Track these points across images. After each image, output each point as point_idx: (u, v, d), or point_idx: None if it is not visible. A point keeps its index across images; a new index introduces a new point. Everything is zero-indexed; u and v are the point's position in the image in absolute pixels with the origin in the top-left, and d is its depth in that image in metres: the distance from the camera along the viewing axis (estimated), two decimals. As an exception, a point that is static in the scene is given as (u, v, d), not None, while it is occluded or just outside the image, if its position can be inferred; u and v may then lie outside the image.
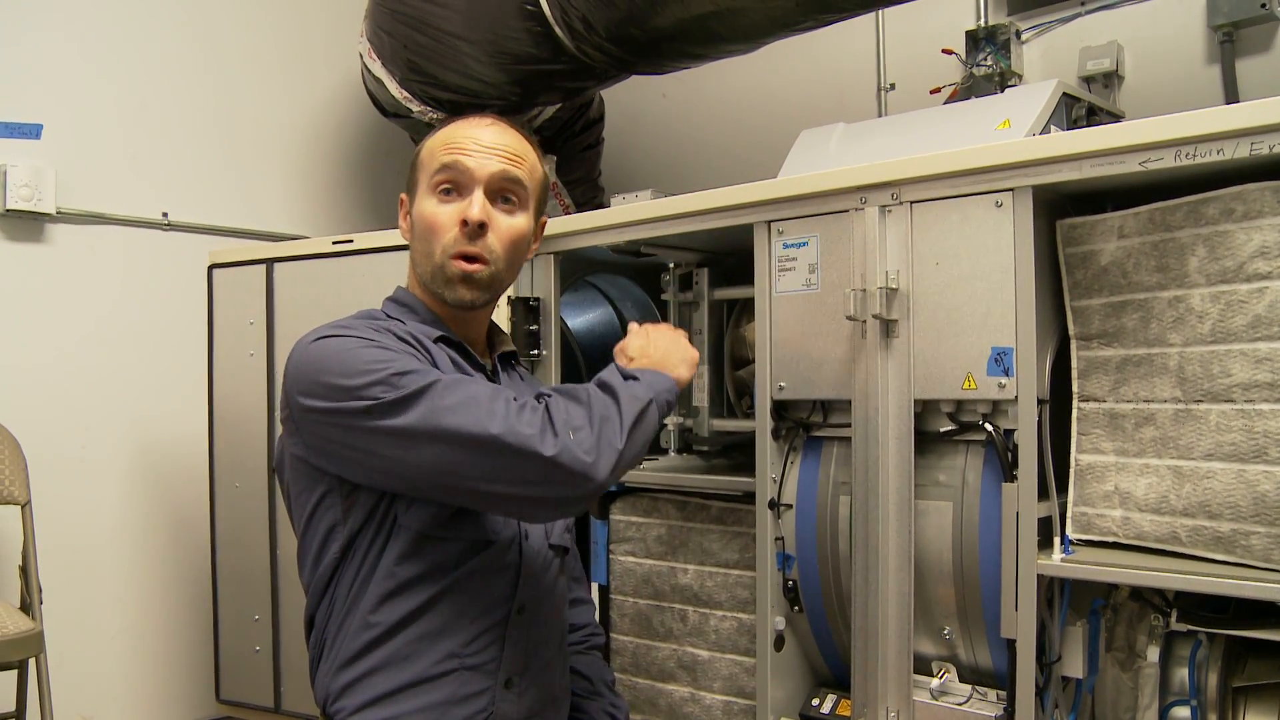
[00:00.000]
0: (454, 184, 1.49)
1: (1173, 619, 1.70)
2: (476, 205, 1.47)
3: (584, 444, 1.30)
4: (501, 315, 2.42)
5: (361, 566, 1.41)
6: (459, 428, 1.28)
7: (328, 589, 1.45)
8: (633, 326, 1.61)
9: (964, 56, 2.86)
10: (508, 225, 1.51)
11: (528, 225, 1.56)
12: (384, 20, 3.00)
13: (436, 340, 1.49)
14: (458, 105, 2.97)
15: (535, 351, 2.48)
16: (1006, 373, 1.74)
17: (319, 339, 1.40)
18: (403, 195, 1.60)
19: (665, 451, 2.59)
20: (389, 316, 1.53)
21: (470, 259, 1.49)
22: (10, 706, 2.76)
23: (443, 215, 1.48)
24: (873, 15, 3.16)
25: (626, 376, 1.44)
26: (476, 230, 1.47)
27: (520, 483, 1.30)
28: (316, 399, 1.35)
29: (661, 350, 1.53)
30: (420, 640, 1.41)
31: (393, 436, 1.31)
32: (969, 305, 1.79)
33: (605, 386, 1.41)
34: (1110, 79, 2.70)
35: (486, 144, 1.50)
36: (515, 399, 1.32)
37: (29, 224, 3.06)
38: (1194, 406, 1.62)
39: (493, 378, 1.58)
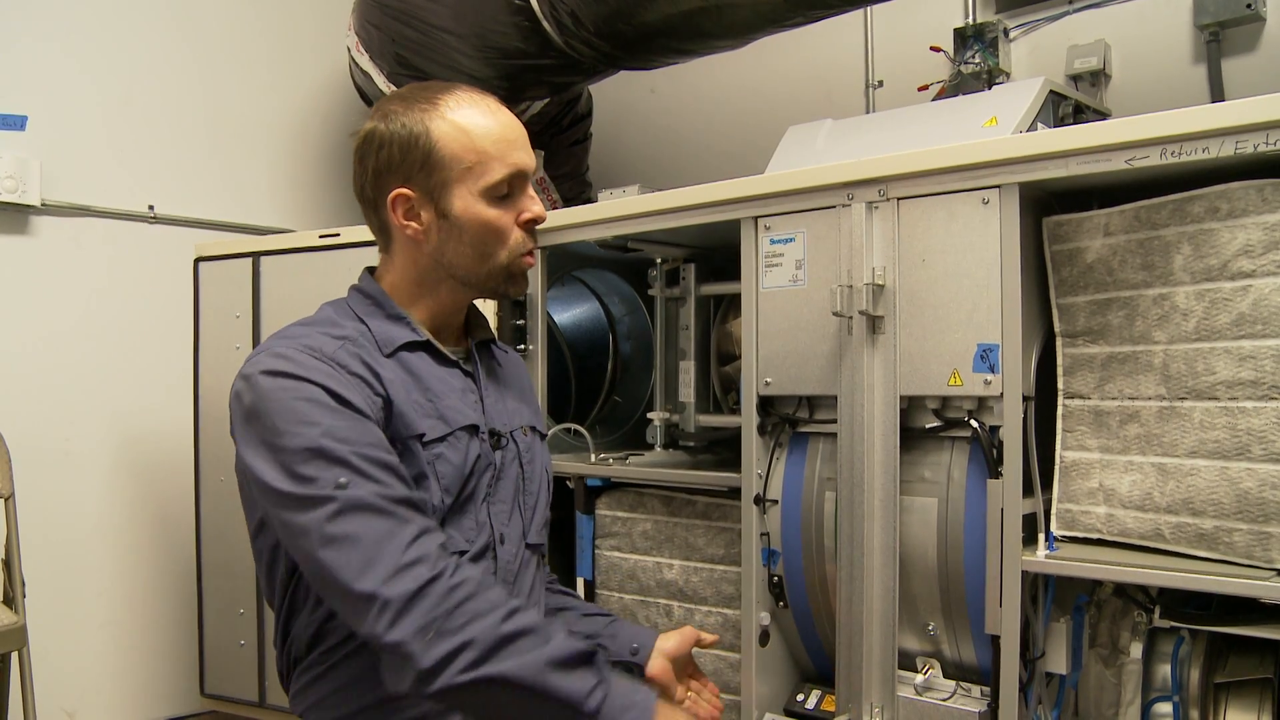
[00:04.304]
0: (513, 187, 1.44)
1: (1156, 615, 1.71)
2: (539, 204, 1.47)
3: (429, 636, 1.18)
4: (488, 310, 2.41)
5: None
6: (353, 537, 1.22)
7: (286, 602, 1.43)
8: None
9: (952, 54, 2.86)
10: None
11: None
12: (372, 14, 2.99)
13: (398, 350, 1.43)
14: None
15: (522, 346, 2.47)
16: (992, 369, 1.74)
17: (269, 372, 1.31)
18: (405, 191, 1.42)
19: (652, 447, 2.59)
20: (353, 312, 1.46)
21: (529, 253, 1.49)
22: (-8, 701, 2.75)
23: (507, 220, 1.44)
24: (861, 12, 3.16)
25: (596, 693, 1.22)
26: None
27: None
28: (246, 446, 1.30)
29: None
30: None
31: (279, 512, 1.27)
32: (955, 302, 1.79)
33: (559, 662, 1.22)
34: (1097, 77, 2.71)
35: (524, 136, 1.48)
36: (418, 558, 1.22)
37: (13, 216, 3.04)
38: (1178, 404, 1.62)
39: (466, 368, 1.51)
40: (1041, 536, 1.75)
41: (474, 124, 1.43)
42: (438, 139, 1.41)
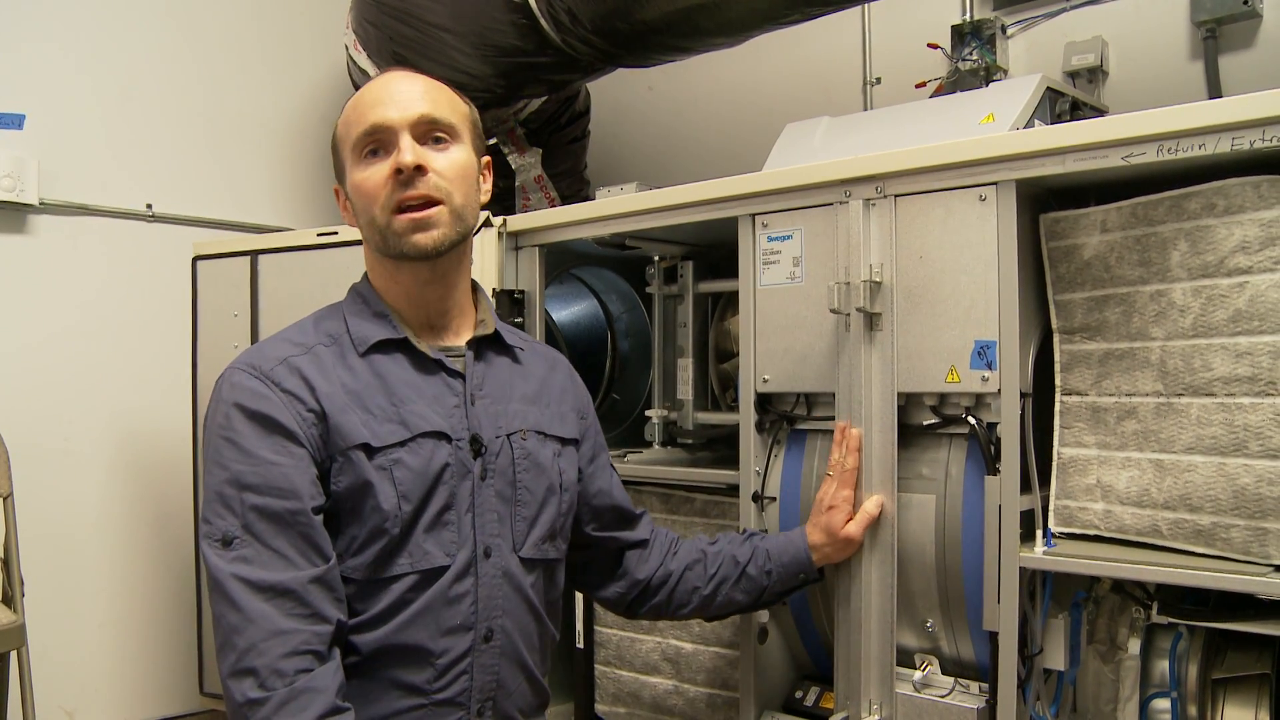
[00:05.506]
0: (379, 144, 1.42)
1: (1154, 611, 1.71)
2: (407, 150, 1.39)
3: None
4: (486, 308, 2.41)
5: None
6: (218, 616, 1.32)
7: None
8: None
9: (949, 51, 2.86)
10: (447, 160, 1.44)
11: (469, 158, 1.48)
12: (369, 12, 2.99)
13: (371, 350, 1.43)
14: (443, 97, 2.95)
15: (520, 344, 2.47)
16: (989, 366, 1.74)
17: (219, 399, 1.38)
18: (335, 187, 1.55)
19: (650, 444, 2.59)
20: (341, 312, 1.50)
21: (417, 206, 1.41)
22: (-9, 700, 2.75)
23: (374, 176, 1.41)
24: (859, 9, 3.16)
25: None
26: (413, 174, 1.39)
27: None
28: (205, 466, 1.38)
29: None
30: (379, 681, 1.38)
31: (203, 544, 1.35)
32: (952, 299, 1.79)
33: None
34: (1094, 74, 2.71)
35: (400, 92, 1.43)
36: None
37: (11, 215, 3.03)
38: (1175, 400, 1.62)
39: (453, 368, 1.48)
40: (1039, 533, 1.75)
41: (356, 98, 1.48)
42: (337, 125, 1.50)
